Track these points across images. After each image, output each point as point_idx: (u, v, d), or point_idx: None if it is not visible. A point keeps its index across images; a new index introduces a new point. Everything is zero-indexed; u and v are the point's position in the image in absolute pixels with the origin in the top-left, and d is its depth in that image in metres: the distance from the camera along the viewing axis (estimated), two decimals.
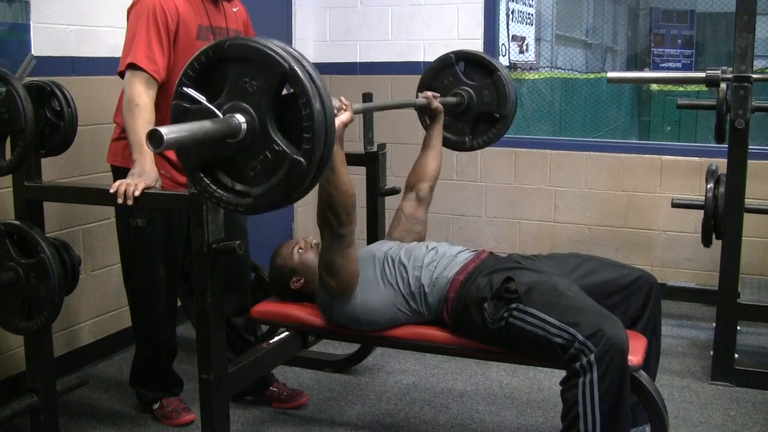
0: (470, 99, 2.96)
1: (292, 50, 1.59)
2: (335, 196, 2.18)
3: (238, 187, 1.68)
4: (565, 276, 2.33)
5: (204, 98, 1.62)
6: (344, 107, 2.17)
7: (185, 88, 1.63)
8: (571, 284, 2.26)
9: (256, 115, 1.58)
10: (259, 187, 1.62)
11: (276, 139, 1.58)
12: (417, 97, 2.86)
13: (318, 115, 1.55)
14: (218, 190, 1.68)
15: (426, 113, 2.84)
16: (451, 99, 2.93)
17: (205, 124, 1.54)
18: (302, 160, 1.57)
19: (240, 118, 1.58)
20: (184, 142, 1.49)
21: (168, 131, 1.43)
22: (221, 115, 1.59)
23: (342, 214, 2.22)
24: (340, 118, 2.11)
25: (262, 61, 1.57)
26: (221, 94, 1.62)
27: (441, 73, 3.01)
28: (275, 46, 1.57)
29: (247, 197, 1.65)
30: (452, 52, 3.01)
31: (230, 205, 1.68)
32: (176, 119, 1.64)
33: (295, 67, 1.55)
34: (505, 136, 4.41)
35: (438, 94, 2.82)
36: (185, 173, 1.76)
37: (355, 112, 2.23)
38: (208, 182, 1.69)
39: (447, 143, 3.01)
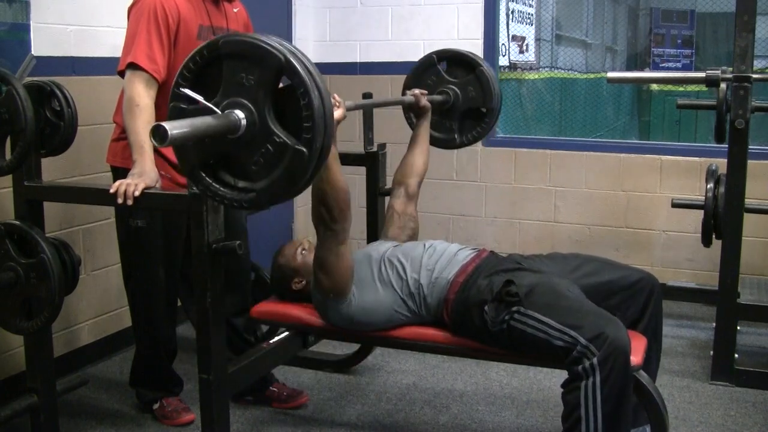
0: (456, 96, 3.00)
1: (286, 43, 1.60)
2: (328, 193, 2.18)
3: (241, 183, 1.68)
4: (565, 276, 2.32)
5: (201, 97, 1.62)
6: (337, 104, 2.17)
7: (182, 89, 1.64)
8: (571, 285, 2.25)
9: (255, 110, 1.59)
10: (262, 181, 1.62)
11: (276, 131, 1.59)
12: (404, 95, 2.89)
13: (317, 104, 1.56)
14: (221, 188, 1.68)
15: (414, 111, 2.87)
16: (437, 97, 2.97)
17: (206, 119, 1.55)
18: (304, 149, 1.57)
19: (239, 113, 1.59)
20: (188, 137, 1.50)
21: (172, 126, 1.43)
22: (220, 113, 1.59)
23: (335, 210, 2.22)
24: (334, 115, 2.11)
25: (258, 55, 1.57)
26: (218, 92, 1.62)
27: (424, 73, 3.05)
28: (270, 39, 1.59)
29: (250, 192, 1.66)
30: (433, 52, 3.05)
31: (234, 201, 1.68)
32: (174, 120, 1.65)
33: (291, 59, 1.56)
34: (505, 136, 4.48)
35: (426, 92, 2.86)
36: (185, 173, 1.75)
37: (348, 109, 2.25)
38: (210, 181, 1.69)
39: (437, 142, 3.04)
